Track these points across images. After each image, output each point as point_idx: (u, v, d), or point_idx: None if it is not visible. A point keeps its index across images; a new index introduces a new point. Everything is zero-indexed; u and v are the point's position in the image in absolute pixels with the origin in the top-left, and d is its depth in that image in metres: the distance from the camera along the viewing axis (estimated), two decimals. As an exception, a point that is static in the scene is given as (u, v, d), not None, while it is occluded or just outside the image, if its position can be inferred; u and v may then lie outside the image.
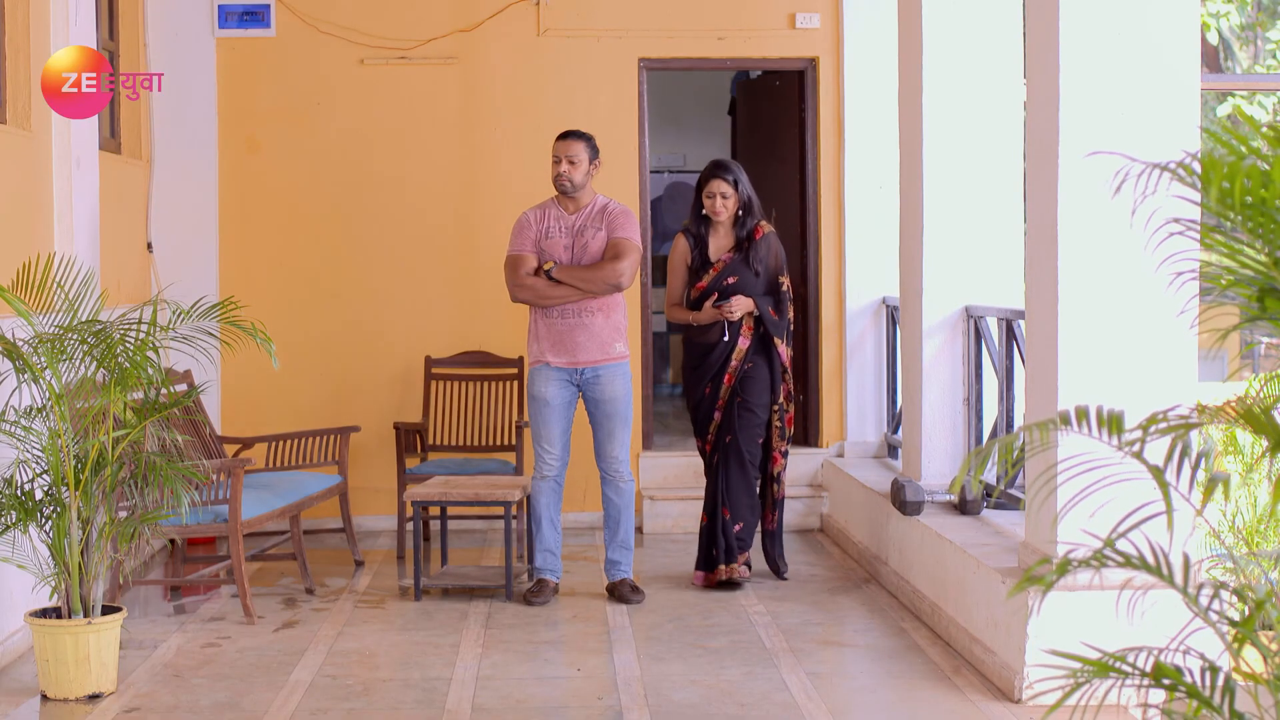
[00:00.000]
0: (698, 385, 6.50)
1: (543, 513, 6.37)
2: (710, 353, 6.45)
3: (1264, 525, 5.53)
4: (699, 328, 6.49)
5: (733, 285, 6.44)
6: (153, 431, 5.05)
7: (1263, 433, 2.62)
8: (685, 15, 8.22)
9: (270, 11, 8.03)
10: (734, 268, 6.47)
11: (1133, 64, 4.66)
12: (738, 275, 6.46)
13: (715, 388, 6.46)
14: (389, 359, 8.14)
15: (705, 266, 6.50)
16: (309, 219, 8.14)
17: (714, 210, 6.43)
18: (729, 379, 6.46)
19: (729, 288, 6.45)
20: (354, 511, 7.55)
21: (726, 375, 6.47)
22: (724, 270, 6.47)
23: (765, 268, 6.49)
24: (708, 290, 6.47)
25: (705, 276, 6.48)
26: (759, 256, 6.47)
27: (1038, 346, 4.89)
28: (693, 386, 6.54)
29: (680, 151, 12.88)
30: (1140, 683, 2.64)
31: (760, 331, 6.48)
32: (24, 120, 6.02)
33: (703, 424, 6.54)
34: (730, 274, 6.46)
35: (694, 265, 6.51)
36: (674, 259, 6.58)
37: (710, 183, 6.44)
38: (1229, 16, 15.22)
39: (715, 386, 6.46)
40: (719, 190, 6.43)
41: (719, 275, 6.47)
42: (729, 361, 6.46)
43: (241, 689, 5.03)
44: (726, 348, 6.45)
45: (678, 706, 4.80)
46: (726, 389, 6.46)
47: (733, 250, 6.49)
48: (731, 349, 6.45)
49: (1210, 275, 2.62)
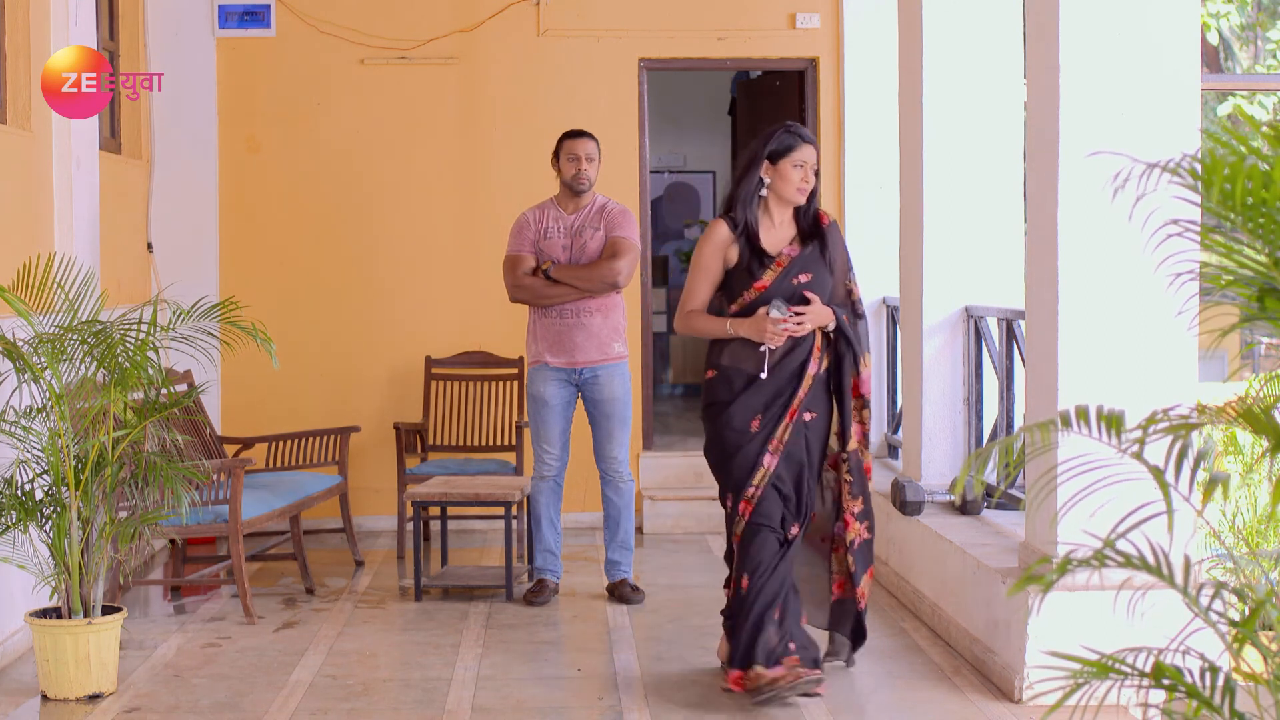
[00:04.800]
0: (742, 418, 4.83)
1: (542, 513, 6.37)
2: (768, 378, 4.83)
3: (1264, 525, 5.53)
4: (737, 345, 4.87)
5: (806, 286, 4.86)
6: (153, 431, 5.05)
7: (1263, 433, 2.61)
8: (685, 15, 8.22)
9: (270, 11, 8.03)
10: (806, 262, 4.88)
11: (1133, 64, 4.66)
12: (812, 273, 4.87)
13: (773, 425, 4.82)
14: (389, 359, 8.14)
15: (762, 263, 4.85)
16: (309, 219, 8.14)
17: (802, 187, 4.87)
18: (792, 414, 4.82)
19: (801, 289, 4.87)
20: (354, 511, 7.55)
21: (790, 409, 4.83)
22: (791, 267, 4.86)
23: (835, 268, 4.99)
24: (770, 294, 4.83)
25: (764, 275, 4.84)
26: (831, 253, 4.97)
27: (1038, 346, 4.89)
28: (732, 422, 4.85)
29: (680, 151, 12.89)
30: (1140, 683, 2.64)
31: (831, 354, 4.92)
32: (24, 120, 6.02)
33: (745, 473, 4.81)
34: (801, 270, 4.86)
35: (742, 262, 4.86)
36: (706, 251, 4.91)
37: (799, 149, 4.84)
38: (1229, 16, 15.22)
39: (773, 423, 4.82)
40: (808, 160, 4.88)
41: (784, 274, 4.85)
42: (796, 391, 4.84)
43: (241, 689, 5.03)
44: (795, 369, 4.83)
45: (678, 706, 4.80)
46: (788, 428, 4.83)
47: (798, 242, 4.93)
48: (802, 373, 4.85)
49: (1210, 275, 2.62)
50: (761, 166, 4.85)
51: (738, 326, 4.81)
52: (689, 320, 4.96)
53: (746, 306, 4.84)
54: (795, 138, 4.85)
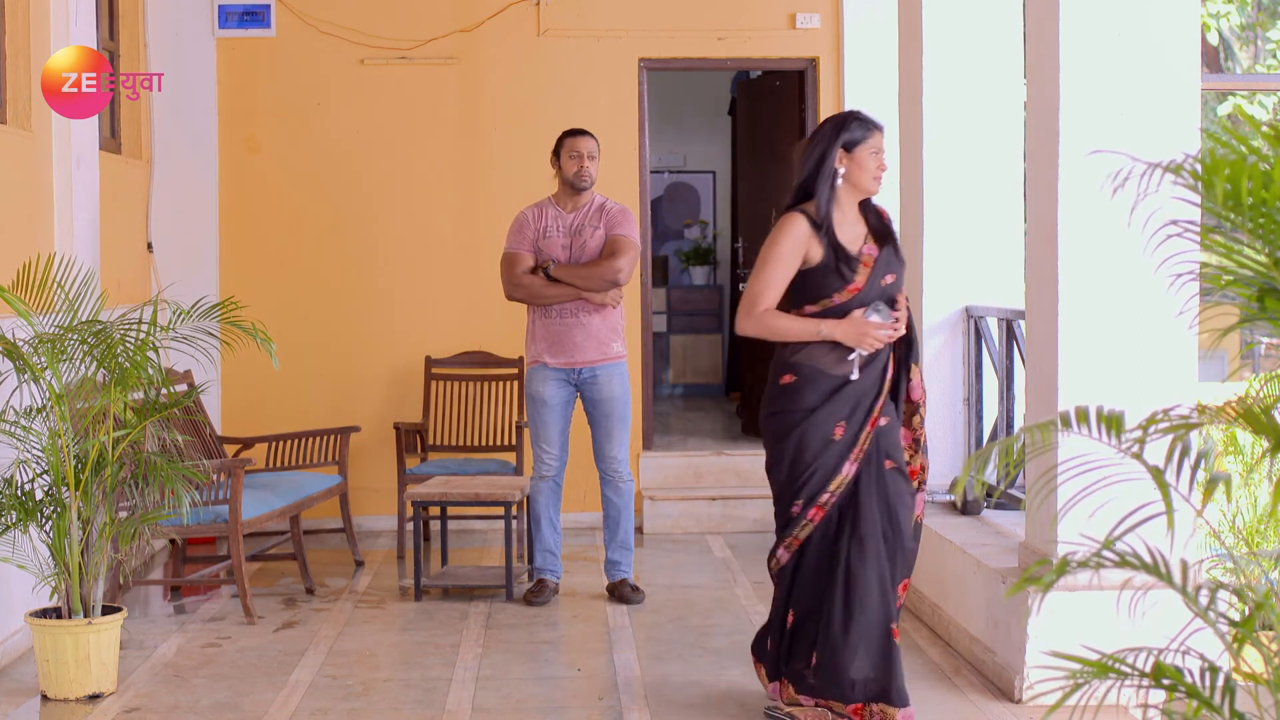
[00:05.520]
0: (829, 425, 4.42)
1: (542, 513, 6.37)
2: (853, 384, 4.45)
3: (1264, 525, 5.53)
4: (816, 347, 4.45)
5: (893, 287, 4.52)
6: (153, 431, 5.05)
7: (1263, 433, 2.61)
8: (685, 15, 8.22)
9: (270, 11, 8.03)
10: (889, 264, 4.51)
11: (1133, 64, 4.66)
12: (895, 274, 4.53)
13: (856, 431, 4.43)
14: (389, 359, 8.14)
15: (850, 264, 4.45)
16: (309, 219, 8.15)
17: (878, 176, 4.52)
18: (874, 422, 4.46)
19: (888, 290, 4.51)
20: (354, 511, 7.55)
21: (873, 417, 4.46)
22: (878, 268, 4.49)
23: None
24: (865, 297, 4.45)
25: (858, 276, 4.45)
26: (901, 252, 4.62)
27: (1038, 346, 4.89)
28: (819, 428, 4.42)
29: (680, 151, 12.88)
30: (1140, 683, 2.64)
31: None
32: (24, 120, 6.02)
33: (820, 480, 4.43)
34: (886, 272, 4.50)
35: (828, 262, 4.44)
36: (785, 247, 4.45)
37: (874, 135, 4.50)
38: (1229, 16, 15.22)
39: (856, 430, 4.43)
40: (882, 147, 4.54)
41: (874, 275, 4.48)
42: (878, 397, 4.48)
43: (241, 689, 5.03)
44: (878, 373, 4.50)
45: (678, 706, 4.80)
46: (869, 436, 4.45)
47: (872, 240, 4.53)
48: (883, 378, 4.51)
49: (1210, 275, 2.62)
50: (836, 156, 4.46)
51: (834, 329, 4.41)
52: (765, 320, 4.47)
53: (832, 309, 4.45)
54: (870, 124, 4.50)
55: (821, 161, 4.46)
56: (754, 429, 8.80)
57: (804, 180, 4.50)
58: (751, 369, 9.01)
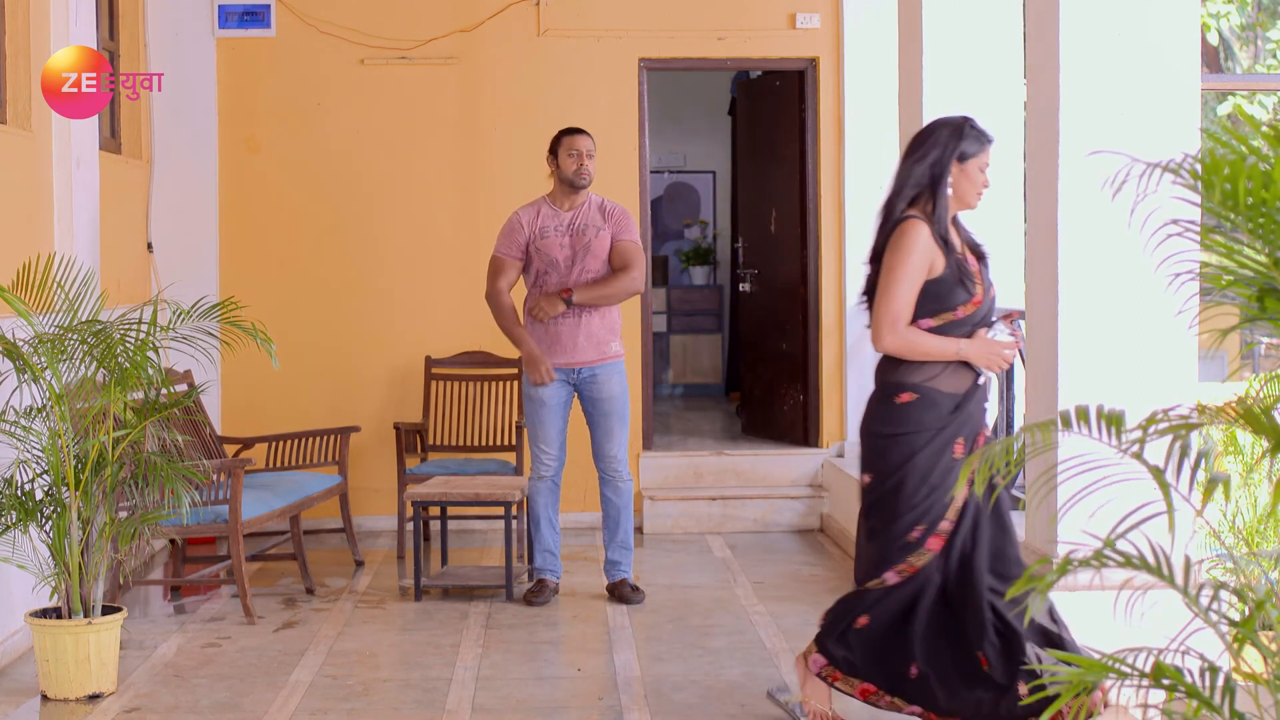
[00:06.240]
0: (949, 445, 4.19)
1: (541, 513, 6.37)
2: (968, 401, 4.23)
3: (1264, 525, 5.53)
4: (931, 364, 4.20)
5: (995, 302, 4.36)
6: (153, 431, 5.05)
7: (1263, 433, 2.62)
8: (685, 15, 8.22)
9: (270, 11, 8.03)
10: (988, 279, 4.35)
11: (1133, 64, 4.66)
12: (994, 290, 4.37)
13: (970, 447, 4.23)
14: (389, 359, 8.14)
15: (967, 279, 4.22)
16: (309, 219, 8.15)
17: (982, 193, 4.31)
18: (981, 440, 4.27)
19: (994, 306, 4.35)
20: (354, 511, 7.55)
21: (980, 435, 4.28)
22: (987, 283, 4.31)
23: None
24: (984, 313, 4.25)
25: (977, 291, 4.24)
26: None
27: (1038, 346, 4.89)
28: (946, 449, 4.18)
29: (680, 151, 12.88)
30: (1140, 683, 2.64)
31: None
32: (24, 120, 6.02)
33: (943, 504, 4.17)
34: (990, 286, 4.33)
35: (951, 273, 4.20)
36: (917, 256, 4.17)
37: (986, 150, 4.28)
38: (1229, 16, 15.22)
39: (969, 450, 4.22)
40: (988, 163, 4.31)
41: (987, 288, 4.30)
42: (983, 416, 4.33)
43: (241, 689, 5.03)
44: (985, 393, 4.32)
45: (678, 706, 4.80)
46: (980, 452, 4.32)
47: (969, 251, 4.33)
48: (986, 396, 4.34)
49: (1210, 275, 2.62)
50: (951, 165, 4.22)
51: (969, 350, 4.18)
52: (910, 338, 4.17)
53: (955, 323, 4.20)
54: (985, 138, 4.27)
55: (937, 167, 4.22)
56: (754, 429, 8.80)
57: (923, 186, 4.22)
58: (751, 369, 9.00)
